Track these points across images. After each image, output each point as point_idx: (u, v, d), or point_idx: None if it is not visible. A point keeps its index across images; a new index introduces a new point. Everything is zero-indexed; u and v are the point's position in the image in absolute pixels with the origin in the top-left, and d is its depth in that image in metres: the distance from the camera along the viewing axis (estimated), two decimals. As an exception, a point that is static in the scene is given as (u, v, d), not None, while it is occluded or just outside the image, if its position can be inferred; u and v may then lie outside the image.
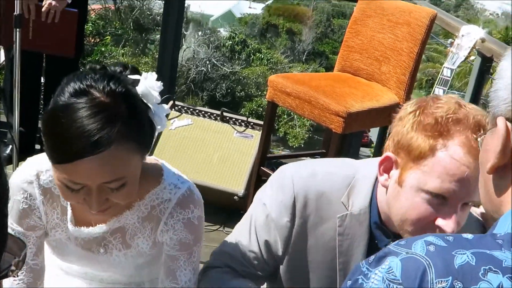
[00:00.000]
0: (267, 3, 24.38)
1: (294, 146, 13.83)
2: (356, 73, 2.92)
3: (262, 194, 1.44)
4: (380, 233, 1.34)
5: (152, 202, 1.35)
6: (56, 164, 1.15)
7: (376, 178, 1.33)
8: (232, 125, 3.14)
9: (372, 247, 1.33)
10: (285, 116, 14.25)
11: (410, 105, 1.26)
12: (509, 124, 0.80)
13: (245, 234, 1.44)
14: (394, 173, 1.27)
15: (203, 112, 3.19)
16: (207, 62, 13.92)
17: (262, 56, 15.70)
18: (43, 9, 2.98)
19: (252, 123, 3.15)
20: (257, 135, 3.10)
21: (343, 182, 1.36)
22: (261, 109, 13.16)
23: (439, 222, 1.20)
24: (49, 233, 1.39)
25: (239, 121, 3.16)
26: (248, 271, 1.44)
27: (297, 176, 1.37)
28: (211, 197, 3.02)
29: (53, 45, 2.96)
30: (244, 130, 3.13)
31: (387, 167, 1.29)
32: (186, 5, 4.51)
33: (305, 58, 18.29)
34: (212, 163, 3.06)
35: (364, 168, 1.37)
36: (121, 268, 1.42)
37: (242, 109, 12.93)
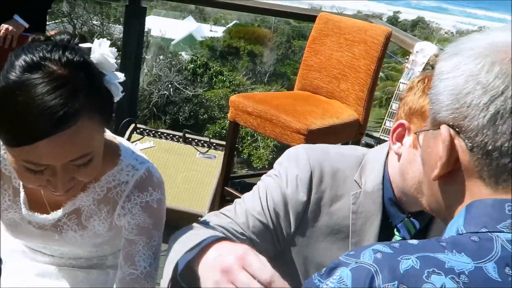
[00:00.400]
0: (227, 26, 24.57)
1: (259, 167, 13.87)
2: (316, 91, 2.96)
3: (276, 168, 1.36)
4: (396, 209, 1.31)
5: (108, 184, 1.28)
6: (15, 147, 1.05)
7: (387, 156, 1.32)
8: (195, 147, 3.14)
9: (386, 226, 1.31)
10: (248, 138, 14.30)
11: (417, 78, 1.27)
12: (452, 131, 0.81)
13: (256, 202, 1.32)
14: (407, 139, 1.25)
15: (165, 134, 3.18)
16: (169, 85, 13.89)
17: (224, 79, 15.76)
18: (0, 34, 2.95)
19: (214, 144, 3.16)
20: (220, 155, 3.11)
21: (354, 161, 1.33)
22: (224, 131, 13.17)
23: None
24: (1, 214, 1.31)
25: (202, 142, 3.16)
26: (246, 235, 1.31)
27: (312, 152, 1.33)
28: (175, 218, 3.01)
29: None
30: (207, 151, 3.13)
31: (399, 135, 1.27)
32: (146, 29, 4.51)
33: (267, 80, 18.43)
34: (176, 184, 3.05)
35: (373, 150, 1.37)
36: (78, 246, 1.36)
37: (206, 132, 12.91)
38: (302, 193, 1.29)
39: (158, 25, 17.48)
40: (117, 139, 1.34)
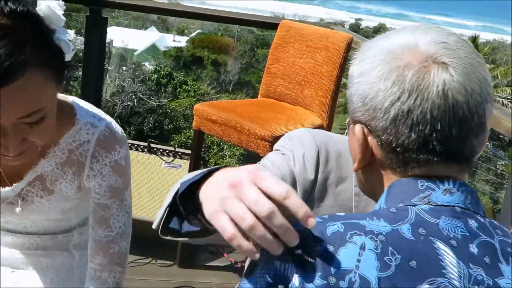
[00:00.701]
0: (191, 35, 24.53)
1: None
2: (280, 98, 2.98)
3: (279, 148, 1.31)
4: None
5: (68, 146, 1.24)
6: None
7: None
8: (160, 156, 3.12)
9: None
10: (214, 147, 14.27)
11: None
12: (366, 130, 0.92)
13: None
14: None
15: (129, 145, 3.15)
16: (133, 96, 13.79)
17: (189, 88, 15.71)
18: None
19: (180, 153, 3.14)
20: (185, 164, 3.09)
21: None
22: (190, 140, 13.13)
23: None
24: None
25: (167, 151, 3.14)
26: None
27: (316, 134, 1.32)
28: (141, 229, 2.98)
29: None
30: (172, 161, 3.11)
31: None
32: (108, 40, 4.45)
33: (231, 88, 18.46)
34: (141, 195, 3.02)
35: None
36: (45, 214, 1.32)
37: (171, 142, 12.83)
38: (310, 172, 1.28)
39: (120, 35, 17.35)
40: (69, 99, 1.29)
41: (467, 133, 0.88)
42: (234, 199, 0.79)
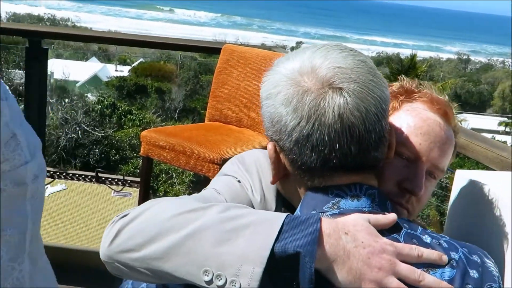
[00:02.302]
0: (133, 64, 24.38)
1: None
2: (227, 121, 3.01)
3: (231, 174, 1.18)
4: None
5: None
6: None
7: None
8: (109, 185, 3.09)
9: None
10: (163, 175, 14.13)
11: None
12: (278, 147, 0.98)
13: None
14: None
15: (76, 176, 3.11)
16: (77, 128, 13.54)
17: (134, 117, 15.55)
18: None
19: (129, 181, 3.12)
20: (135, 192, 3.07)
21: None
22: (138, 170, 12.96)
23: (406, 184, 1.14)
24: None
25: (116, 180, 3.11)
26: None
27: (250, 154, 1.23)
28: (93, 261, 2.93)
29: None
30: (122, 189, 3.08)
31: None
32: (49, 72, 4.39)
33: (177, 116, 18.37)
34: (91, 226, 2.97)
35: None
36: None
37: (119, 172, 12.65)
38: (270, 202, 1.15)
39: (61, 67, 17.08)
40: None
41: (367, 148, 0.95)
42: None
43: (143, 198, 2.90)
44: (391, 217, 0.96)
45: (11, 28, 3.45)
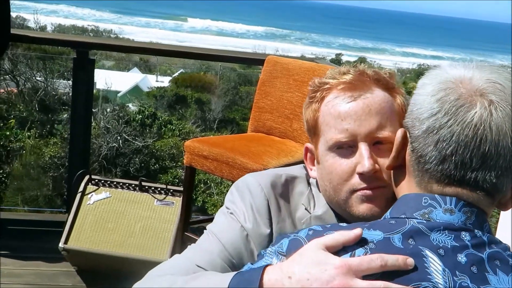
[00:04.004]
0: (173, 75, 24.69)
1: (214, 215, 13.77)
2: (269, 132, 3.02)
3: (229, 205, 1.27)
4: None
5: None
6: None
7: None
8: (152, 194, 3.13)
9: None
10: (202, 185, 14.24)
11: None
12: (408, 134, 1.02)
13: (205, 253, 1.22)
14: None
15: (120, 184, 3.16)
16: (118, 137, 13.76)
17: (174, 127, 15.72)
18: None
19: (171, 190, 3.15)
20: (177, 201, 3.10)
21: (304, 184, 1.30)
22: (177, 180, 13.09)
23: (357, 169, 1.16)
24: None
25: (158, 189, 3.15)
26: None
27: (261, 178, 1.28)
28: (136, 269, 2.96)
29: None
30: (164, 198, 3.12)
31: (311, 159, 1.31)
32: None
33: (216, 126, 18.51)
34: (135, 234, 3.01)
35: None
36: None
37: (158, 182, 12.77)
38: (263, 226, 1.22)
39: (103, 77, 17.41)
40: None
41: (488, 169, 0.93)
42: None
43: (185, 208, 2.93)
44: (352, 233, 0.93)
45: (60, 39, 3.55)
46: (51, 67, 14.92)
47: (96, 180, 3.16)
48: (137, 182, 3.15)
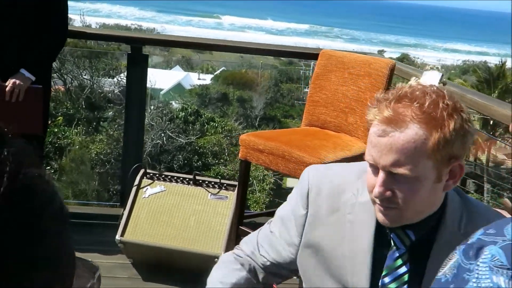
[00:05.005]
0: (215, 73, 24.86)
1: (256, 212, 13.79)
2: (324, 126, 2.99)
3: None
4: None
5: None
6: None
7: None
8: (206, 188, 3.14)
9: (381, 235, 1.41)
10: (244, 182, 14.28)
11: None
12: None
13: (272, 227, 1.56)
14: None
15: (175, 178, 3.19)
16: (162, 134, 13.94)
17: (216, 125, 15.83)
18: (7, 88, 2.97)
19: (225, 184, 3.16)
20: (231, 195, 3.11)
21: (356, 174, 1.45)
22: (220, 177, 13.18)
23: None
24: None
25: (212, 183, 3.16)
26: (267, 265, 1.56)
27: (313, 170, 1.53)
28: (190, 262, 2.99)
29: (20, 123, 2.94)
30: (218, 192, 3.13)
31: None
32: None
33: (258, 124, 18.56)
34: (189, 227, 3.03)
35: None
36: None
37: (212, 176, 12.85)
38: (301, 208, 1.49)
39: (148, 75, 17.66)
40: None
41: None
42: None
43: (240, 201, 2.93)
44: None
45: (115, 35, 3.60)
46: (96, 66, 15.20)
47: (151, 174, 3.20)
48: (191, 176, 3.17)
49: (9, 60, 2.98)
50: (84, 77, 14.91)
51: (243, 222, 2.96)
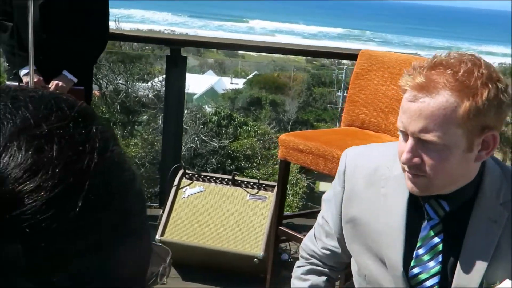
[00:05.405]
0: (248, 77, 24.92)
1: (294, 212, 13.73)
2: (364, 126, 2.97)
3: None
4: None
5: None
6: None
7: None
8: (245, 189, 3.14)
9: (415, 206, 1.42)
10: (277, 186, 14.26)
11: None
12: None
13: (322, 213, 1.66)
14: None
15: (214, 178, 3.20)
16: (196, 138, 14.03)
17: (249, 129, 15.86)
18: (50, 90, 3.03)
19: (264, 185, 3.16)
20: (270, 196, 3.11)
21: (392, 151, 1.45)
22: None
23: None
24: None
25: (251, 184, 3.17)
26: (327, 254, 1.65)
27: (351, 151, 1.61)
28: (230, 262, 2.99)
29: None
30: (257, 193, 3.13)
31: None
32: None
33: (290, 127, 18.52)
34: (228, 227, 3.04)
35: None
36: None
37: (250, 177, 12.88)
38: (338, 185, 1.56)
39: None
40: None
41: None
42: None
43: (280, 201, 2.92)
44: None
45: (155, 37, 3.64)
46: (131, 70, 15.37)
47: (190, 174, 3.22)
48: (230, 177, 3.18)
49: (52, 62, 3.04)
50: (119, 81, 15.11)
51: (282, 223, 2.95)
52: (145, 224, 0.51)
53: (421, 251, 1.42)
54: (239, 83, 24.36)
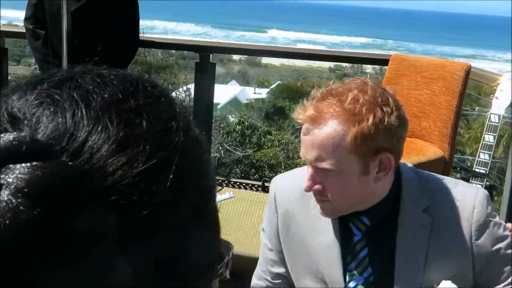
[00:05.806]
0: (271, 87, 24.94)
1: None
2: (396, 132, 2.93)
3: None
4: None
5: None
6: None
7: None
8: (275, 195, 3.13)
9: (345, 222, 1.48)
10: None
11: None
12: None
13: (264, 244, 1.73)
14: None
15: (243, 184, 3.19)
16: (220, 147, 14.07)
17: (273, 138, 15.84)
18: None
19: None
20: (300, 202, 3.08)
21: None
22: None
23: None
24: None
25: (281, 190, 3.15)
26: (279, 282, 1.67)
27: (277, 179, 1.66)
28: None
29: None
30: (287, 199, 3.11)
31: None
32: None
33: (314, 137, 18.51)
34: (258, 234, 3.01)
35: None
36: None
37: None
38: (271, 212, 1.61)
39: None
40: None
41: None
42: None
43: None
44: None
45: (184, 43, 3.65)
46: (156, 80, 15.54)
47: (220, 181, 3.21)
48: (259, 183, 3.16)
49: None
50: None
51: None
52: (214, 208, 0.50)
53: (352, 265, 1.49)
54: (263, 92, 24.40)
